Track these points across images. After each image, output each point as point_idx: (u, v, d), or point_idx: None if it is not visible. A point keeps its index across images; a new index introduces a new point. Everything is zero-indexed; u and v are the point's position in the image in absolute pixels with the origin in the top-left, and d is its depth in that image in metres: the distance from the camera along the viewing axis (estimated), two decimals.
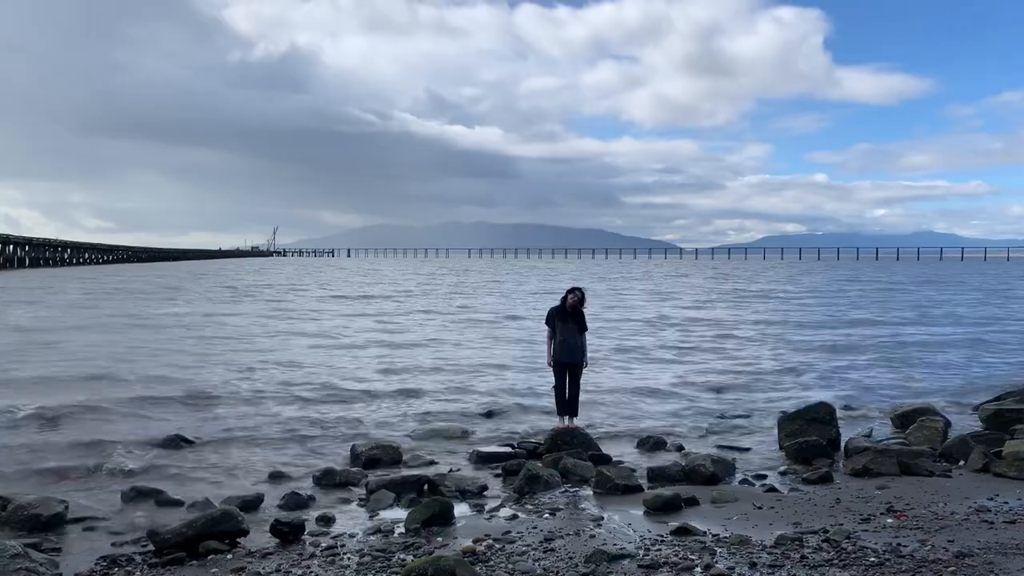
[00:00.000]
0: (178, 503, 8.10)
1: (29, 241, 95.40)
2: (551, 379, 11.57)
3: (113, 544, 6.98)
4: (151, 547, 6.70)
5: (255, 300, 39.55)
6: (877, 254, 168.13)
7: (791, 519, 7.32)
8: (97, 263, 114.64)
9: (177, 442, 10.48)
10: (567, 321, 11.29)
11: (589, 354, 11.83)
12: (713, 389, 15.15)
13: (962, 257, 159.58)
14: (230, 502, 7.90)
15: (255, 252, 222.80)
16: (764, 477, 9.17)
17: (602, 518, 7.48)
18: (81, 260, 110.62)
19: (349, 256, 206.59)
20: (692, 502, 7.94)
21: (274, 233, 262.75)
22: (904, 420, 11.70)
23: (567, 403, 11.47)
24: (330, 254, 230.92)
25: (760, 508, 7.76)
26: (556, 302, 11.66)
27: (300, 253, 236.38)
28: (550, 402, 12.10)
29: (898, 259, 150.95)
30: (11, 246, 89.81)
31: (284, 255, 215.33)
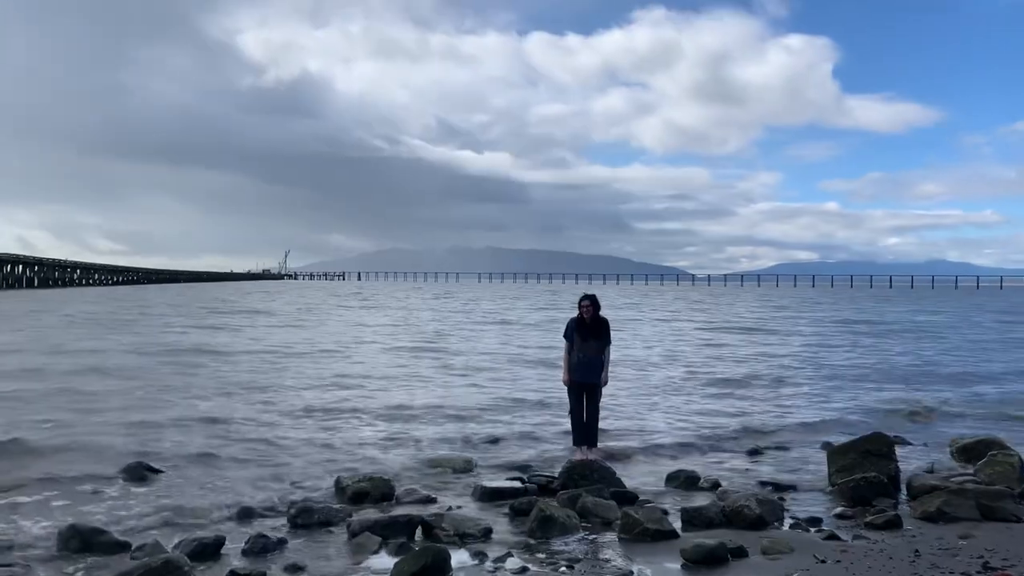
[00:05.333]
0: (124, 546, 6.78)
1: (39, 262, 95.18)
2: (567, 401, 10.28)
3: None
4: None
5: (239, 315, 38.39)
6: (891, 282, 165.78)
7: None
8: (107, 284, 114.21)
9: (140, 471, 9.17)
10: (587, 337, 10.00)
11: (611, 370, 10.55)
12: (745, 415, 13.74)
13: (977, 286, 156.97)
14: (185, 546, 6.62)
15: (266, 275, 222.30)
16: (819, 521, 7.75)
17: (631, 572, 6.13)
18: (91, 281, 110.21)
19: (359, 279, 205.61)
20: (739, 553, 6.57)
21: (286, 256, 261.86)
22: (968, 453, 10.27)
23: (584, 430, 10.16)
24: (340, 277, 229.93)
25: (823, 561, 6.37)
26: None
27: (311, 276, 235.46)
28: (566, 428, 10.79)
29: (912, 287, 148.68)
30: (20, 266, 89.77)
31: (295, 278, 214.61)
